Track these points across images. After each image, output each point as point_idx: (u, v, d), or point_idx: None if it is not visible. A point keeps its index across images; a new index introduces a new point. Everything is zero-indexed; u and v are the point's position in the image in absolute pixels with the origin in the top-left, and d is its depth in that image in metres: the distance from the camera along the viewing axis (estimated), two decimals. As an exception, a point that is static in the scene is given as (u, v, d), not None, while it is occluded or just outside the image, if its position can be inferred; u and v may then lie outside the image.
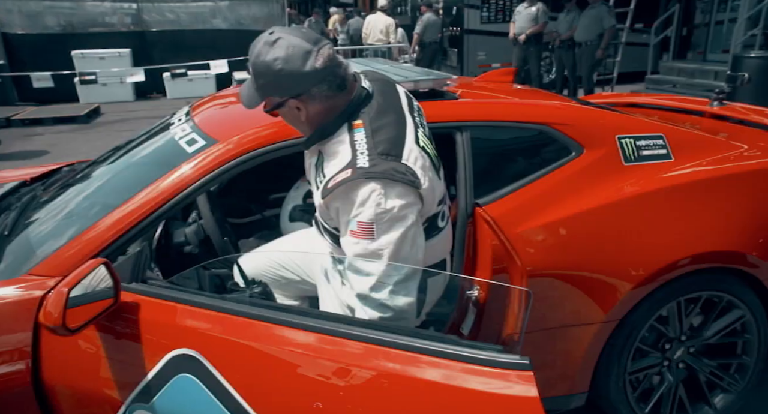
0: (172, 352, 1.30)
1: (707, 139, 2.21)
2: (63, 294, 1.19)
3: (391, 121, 1.38)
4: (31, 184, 2.30)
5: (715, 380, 2.08)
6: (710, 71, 8.32)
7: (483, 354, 1.15)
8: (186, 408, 1.30)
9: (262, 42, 1.31)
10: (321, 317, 1.33)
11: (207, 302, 1.38)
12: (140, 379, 1.32)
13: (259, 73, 1.31)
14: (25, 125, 8.13)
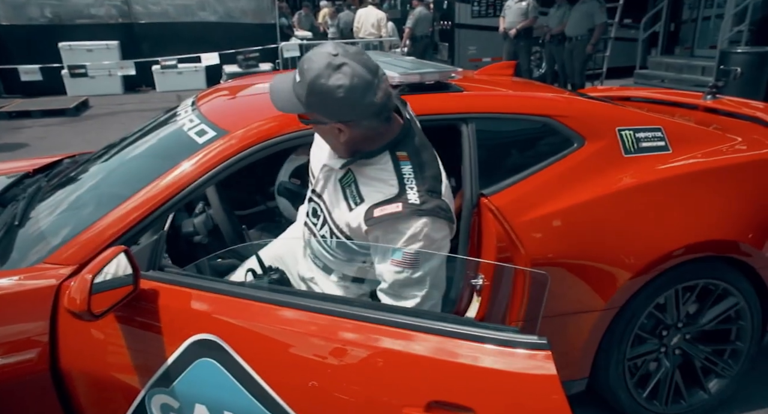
0: (192, 338, 1.33)
1: (703, 131, 2.26)
2: (87, 281, 1.21)
3: (432, 156, 1.44)
4: (33, 175, 2.30)
5: (710, 366, 2.14)
6: (698, 66, 8.44)
7: (502, 335, 1.19)
8: (207, 391, 1.33)
9: (324, 63, 1.26)
10: (339, 301, 1.37)
11: (226, 288, 1.41)
12: (160, 365, 1.34)
13: (315, 92, 1.27)
14: (12, 118, 8.03)
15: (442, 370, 1.19)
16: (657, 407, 2.09)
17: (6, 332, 1.39)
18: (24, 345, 1.38)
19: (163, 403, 1.37)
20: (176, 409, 1.36)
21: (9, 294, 1.40)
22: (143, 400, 1.38)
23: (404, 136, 1.41)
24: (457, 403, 1.16)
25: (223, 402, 1.32)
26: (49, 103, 8.55)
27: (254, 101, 2.21)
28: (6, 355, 1.38)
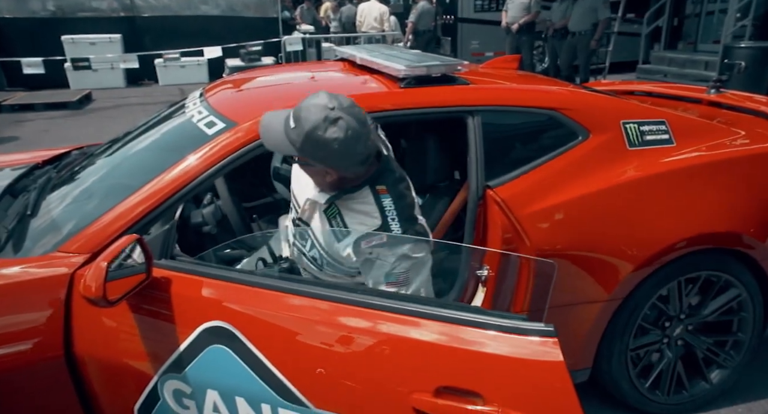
0: (204, 325, 1.35)
1: (707, 124, 2.28)
2: (102, 268, 1.24)
3: (406, 185, 1.59)
4: (43, 166, 2.32)
5: (712, 356, 2.17)
6: (701, 61, 8.43)
7: (509, 322, 1.21)
8: (218, 377, 1.35)
9: (321, 116, 1.36)
10: (347, 290, 1.40)
11: (237, 277, 1.43)
12: (172, 351, 1.37)
13: (311, 142, 1.38)
14: (15, 111, 8.04)
15: (450, 356, 1.22)
16: (659, 397, 2.12)
17: (21, 319, 1.42)
18: (39, 332, 1.41)
19: (176, 388, 1.39)
20: (188, 395, 1.38)
21: (24, 281, 1.43)
22: (156, 386, 1.40)
23: (383, 170, 1.54)
24: (465, 388, 1.18)
25: (234, 388, 1.34)
26: (51, 96, 8.57)
27: (262, 93, 2.24)
28: (22, 341, 1.40)
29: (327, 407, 1.28)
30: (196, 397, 1.37)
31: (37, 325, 1.41)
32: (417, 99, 1.87)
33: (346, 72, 2.31)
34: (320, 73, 2.48)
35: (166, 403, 1.41)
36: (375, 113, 1.85)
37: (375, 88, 2.01)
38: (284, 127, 1.41)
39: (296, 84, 2.30)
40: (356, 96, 1.93)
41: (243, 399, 1.34)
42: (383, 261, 1.47)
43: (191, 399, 1.38)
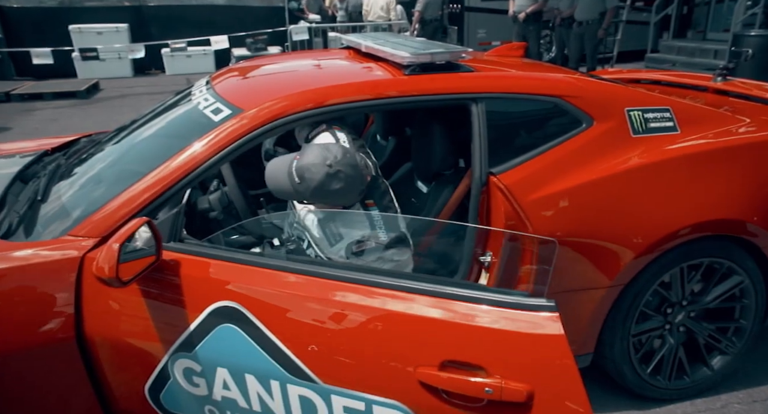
0: (213, 305, 1.38)
1: (712, 112, 2.27)
2: (115, 249, 1.27)
3: (390, 198, 1.85)
4: (52, 153, 2.35)
5: (714, 343, 2.18)
6: (710, 50, 8.35)
7: (512, 298, 1.25)
8: (228, 356, 1.39)
9: (323, 172, 1.64)
10: (354, 269, 1.45)
11: (246, 258, 1.47)
12: (182, 331, 1.40)
13: (318, 195, 1.68)
14: (24, 100, 8.10)
15: (454, 331, 1.26)
16: (660, 382, 2.14)
17: (33, 300, 1.45)
18: (51, 313, 1.44)
19: (186, 367, 1.43)
20: (199, 373, 1.42)
21: (36, 264, 1.46)
22: (166, 365, 1.44)
23: (371, 187, 1.79)
24: (469, 362, 1.23)
25: (244, 365, 1.38)
26: (60, 85, 8.61)
27: (268, 80, 2.25)
28: (34, 323, 1.43)
29: (335, 382, 1.32)
30: (206, 375, 1.41)
31: (49, 307, 1.44)
32: (421, 86, 1.88)
33: (351, 60, 2.32)
34: (325, 60, 2.49)
35: (176, 382, 1.45)
36: (379, 100, 1.88)
37: (380, 75, 2.02)
38: (290, 182, 1.68)
39: (302, 71, 2.32)
40: (361, 83, 1.97)
41: (252, 376, 1.37)
42: (370, 261, 1.66)
43: (201, 377, 1.42)
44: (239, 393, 1.40)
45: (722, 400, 2.18)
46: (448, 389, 1.23)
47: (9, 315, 1.42)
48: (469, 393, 1.22)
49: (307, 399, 1.35)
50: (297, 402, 1.35)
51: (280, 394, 1.36)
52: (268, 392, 1.37)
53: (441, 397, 1.25)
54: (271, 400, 1.38)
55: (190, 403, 1.47)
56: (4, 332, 1.41)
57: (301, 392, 1.34)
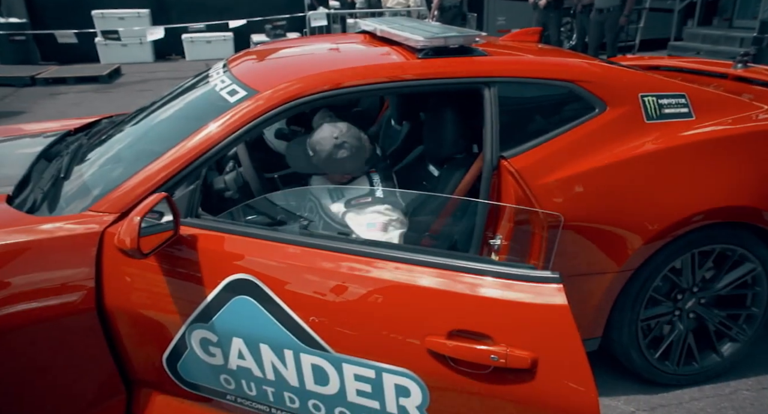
0: (229, 278, 1.44)
1: (729, 98, 2.25)
2: (136, 222, 1.32)
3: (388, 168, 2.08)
4: (75, 133, 2.42)
5: (724, 330, 2.19)
6: (736, 38, 8.16)
7: (518, 270, 1.30)
8: (243, 326, 1.44)
9: (330, 145, 1.87)
10: (365, 243, 1.52)
11: (261, 233, 1.52)
12: (199, 303, 1.45)
13: (328, 164, 1.91)
14: (48, 84, 8.25)
15: (462, 302, 1.31)
16: (668, 368, 2.15)
17: (56, 272, 1.51)
18: (72, 284, 1.50)
19: (203, 337, 1.48)
20: (215, 343, 1.47)
21: (59, 237, 1.52)
22: (184, 335, 1.49)
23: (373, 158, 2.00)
24: (476, 331, 1.28)
25: (258, 336, 1.43)
26: (83, 70, 8.76)
27: (283, 63, 2.29)
28: (57, 295, 1.50)
29: (346, 351, 1.37)
30: (222, 345, 1.46)
31: (71, 278, 1.50)
32: (434, 69, 1.89)
33: (366, 44, 2.33)
34: (341, 44, 2.51)
35: (193, 352, 1.50)
36: (392, 83, 1.90)
37: (393, 58, 2.04)
38: (305, 156, 1.93)
39: (317, 55, 2.34)
40: (375, 66, 1.99)
41: (267, 346, 1.43)
42: (366, 212, 1.87)
43: (217, 347, 1.47)
44: (254, 362, 1.45)
45: (731, 386, 2.18)
46: (456, 357, 1.28)
47: (34, 285, 1.49)
48: (475, 360, 1.26)
49: (320, 367, 1.40)
50: (309, 370, 1.41)
51: (294, 362, 1.42)
52: (281, 361, 1.43)
53: (448, 365, 1.29)
54: (285, 369, 1.43)
55: (206, 373, 1.53)
56: (29, 302, 1.47)
57: (314, 361, 1.40)
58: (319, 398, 1.44)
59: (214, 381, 1.54)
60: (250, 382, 1.49)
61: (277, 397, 1.49)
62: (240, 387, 1.51)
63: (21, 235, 1.51)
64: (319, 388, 1.43)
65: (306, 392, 1.45)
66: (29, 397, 1.56)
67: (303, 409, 1.48)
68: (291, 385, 1.45)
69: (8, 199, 1.73)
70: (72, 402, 1.61)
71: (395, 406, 1.36)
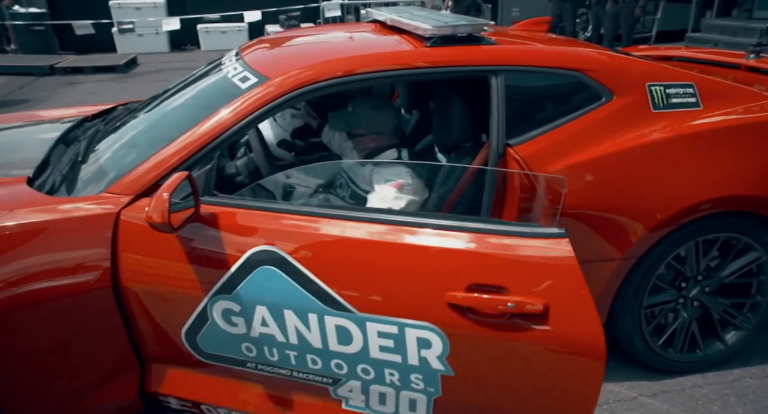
0: (252, 250, 1.50)
1: (738, 89, 2.25)
2: (165, 198, 1.39)
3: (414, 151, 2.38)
4: (92, 119, 2.48)
5: (728, 318, 2.20)
6: (755, 29, 8.02)
7: (527, 229, 1.44)
8: (267, 294, 1.51)
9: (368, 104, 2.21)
10: (384, 212, 1.70)
11: (280, 207, 1.62)
12: (221, 275, 1.52)
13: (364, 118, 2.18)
14: (67, 73, 8.39)
15: (478, 259, 1.43)
16: (671, 355, 2.17)
17: (73, 251, 1.57)
18: (89, 263, 1.55)
19: (225, 308, 1.54)
20: (237, 313, 1.54)
21: (77, 217, 1.58)
22: (205, 308, 1.55)
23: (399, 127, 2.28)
24: (492, 284, 1.40)
25: (282, 302, 1.50)
26: (100, 59, 8.88)
27: (293, 51, 2.33)
28: (74, 273, 1.56)
29: (370, 311, 1.46)
30: (245, 314, 1.53)
31: (88, 257, 1.56)
32: (441, 58, 1.92)
33: (376, 32, 2.36)
34: (351, 33, 2.54)
35: (214, 323, 1.57)
36: (400, 70, 1.92)
37: (403, 47, 2.07)
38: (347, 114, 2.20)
39: (328, 43, 2.38)
40: (384, 54, 2.02)
41: (291, 311, 1.49)
42: (390, 170, 2.05)
43: (240, 316, 1.54)
44: (277, 328, 1.52)
45: (735, 374, 2.20)
46: (475, 307, 1.39)
47: (52, 263, 1.55)
48: (493, 310, 1.38)
49: (343, 327, 1.48)
50: (333, 331, 1.49)
51: (317, 325, 1.49)
52: (305, 325, 1.50)
53: (468, 316, 1.40)
54: (308, 332, 1.51)
55: (228, 343, 1.60)
56: (48, 279, 1.54)
57: (338, 322, 1.48)
58: (341, 357, 1.52)
59: (235, 350, 1.60)
60: (272, 347, 1.56)
61: (300, 360, 1.56)
62: (262, 353, 1.58)
63: (41, 215, 1.58)
64: (343, 348, 1.50)
65: (329, 353, 1.52)
66: (46, 374, 1.62)
67: (325, 370, 1.56)
68: (314, 347, 1.52)
69: (28, 181, 1.80)
70: (88, 377, 1.68)
71: (417, 358, 1.46)
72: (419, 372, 1.48)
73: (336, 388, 1.60)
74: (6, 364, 1.57)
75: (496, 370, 1.48)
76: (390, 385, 1.53)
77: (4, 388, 1.59)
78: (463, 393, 1.51)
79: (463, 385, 1.49)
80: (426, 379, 1.48)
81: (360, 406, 1.61)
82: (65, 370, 1.65)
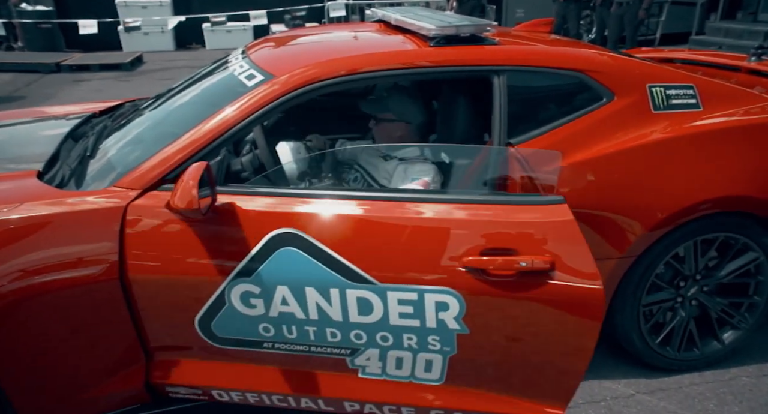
0: (270, 233, 1.57)
1: (737, 90, 2.27)
2: (191, 186, 1.45)
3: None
4: (99, 116, 2.52)
5: (726, 318, 2.22)
6: (760, 32, 8.04)
7: (529, 198, 1.64)
8: (288, 274, 1.57)
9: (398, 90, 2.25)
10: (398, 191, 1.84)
11: (293, 191, 1.73)
12: (240, 260, 1.57)
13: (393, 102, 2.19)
14: (73, 71, 8.44)
15: (490, 226, 1.58)
16: (669, 353, 2.20)
17: (82, 243, 1.60)
18: (97, 256, 1.58)
19: (244, 291, 1.59)
20: (257, 295, 1.58)
21: (87, 210, 1.61)
22: (222, 293, 1.59)
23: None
24: (504, 247, 1.55)
25: (304, 280, 1.56)
26: (106, 57, 8.94)
27: (300, 50, 2.36)
28: (83, 265, 1.59)
29: (391, 281, 1.55)
30: (265, 295, 1.58)
31: (97, 248, 1.59)
32: (445, 57, 1.95)
33: (380, 32, 2.40)
34: (357, 33, 2.58)
35: (231, 307, 1.61)
36: (404, 70, 1.95)
37: (407, 46, 2.10)
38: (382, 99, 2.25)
39: (333, 42, 2.41)
40: (387, 53, 2.05)
41: (312, 288, 1.56)
42: (416, 166, 2.08)
43: (259, 298, 1.59)
44: (298, 306, 1.58)
45: (731, 373, 2.22)
46: (489, 269, 1.53)
47: (62, 255, 1.58)
48: (507, 270, 1.53)
49: (364, 299, 1.56)
50: (354, 303, 1.57)
51: (339, 299, 1.57)
52: (326, 300, 1.57)
53: (482, 278, 1.54)
54: (329, 307, 1.58)
55: (244, 325, 1.64)
56: (57, 270, 1.57)
57: (359, 294, 1.56)
58: (361, 328, 1.60)
59: (251, 332, 1.65)
60: (291, 325, 1.61)
61: (319, 334, 1.62)
62: (280, 332, 1.63)
63: (52, 207, 1.61)
64: (363, 318, 1.58)
65: (349, 324, 1.60)
66: (52, 365, 1.65)
67: (344, 341, 1.63)
68: (334, 320, 1.59)
69: (38, 175, 1.83)
70: (95, 369, 1.71)
71: (434, 321, 1.56)
72: (437, 333, 1.58)
73: (354, 358, 1.67)
74: (13, 355, 1.60)
75: (506, 326, 1.60)
76: (408, 348, 1.62)
77: (12, 379, 1.62)
78: (477, 349, 1.62)
79: (477, 341, 1.60)
80: (443, 339, 1.59)
81: (376, 373, 1.69)
82: (72, 362, 1.67)
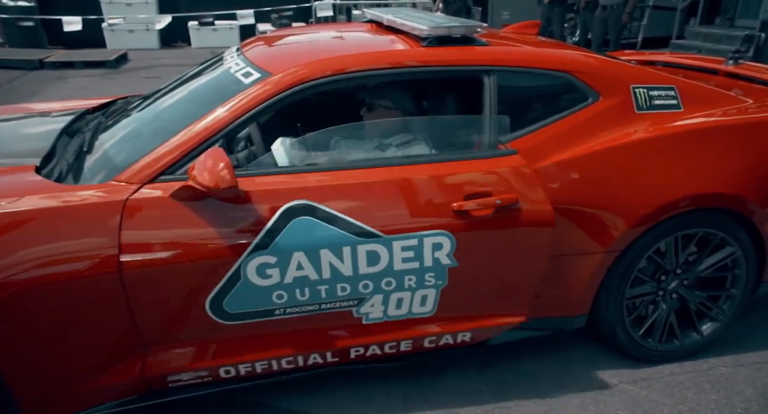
0: (284, 206, 1.72)
1: (716, 92, 2.37)
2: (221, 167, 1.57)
3: None
4: (93, 112, 2.53)
5: (705, 310, 2.31)
6: (737, 37, 8.22)
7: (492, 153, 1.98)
8: (303, 240, 1.72)
9: None
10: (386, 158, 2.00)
11: (298, 168, 1.86)
12: (255, 235, 1.69)
13: None
14: (56, 68, 8.34)
15: (469, 177, 1.90)
16: (651, 344, 2.28)
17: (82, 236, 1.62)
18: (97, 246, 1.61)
19: (261, 263, 1.71)
20: (273, 265, 1.71)
21: (88, 204, 1.64)
22: (238, 269, 1.69)
23: None
24: (480, 192, 1.87)
25: (318, 243, 1.73)
26: (90, 55, 8.85)
27: (295, 48, 2.40)
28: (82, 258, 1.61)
29: (395, 232, 1.79)
30: (281, 264, 1.72)
31: (96, 241, 1.62)
32: (436, 57, 2.00)
33: (372, 32, 2.45)
34: (349, 32, 2.62)
35: (246, 281, 1.72)
36: (395, 69, 2.00)
37: (399, 47, 2.15)
38: None
39: (327, 41, 2.45)
40: (380, 53, 2.10)
41: (326, 249, 1.74)
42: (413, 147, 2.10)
43: (275, 267, 1.72)
44: (312, 268, 1.75)
45: (709, 363, 2.31)
46: (472, 210, 1.84)
47: (63, 248, 1.61)
48: (485, 210, 1.85)
49: (373, 251, 1.78)
50: (364, 257, 1.78)
51: (350, 255, 1.76)
52: (339, 258, 1.76)
53: (467, 217, 1.84)
54: (341, 264, 1.77)
55: (258, 296, 1.75)
56: (57, 263, 1.59)
57: (369, 248, 1.77)
58: (369, 278, 1.81)
59: (265, 301, 1.77)
60: (304, 288, 1.77)
61: (330, 291, 1.80)
62: (293, 297, 1.78)
63: (51, 201, 1.64)
64: (371, 269, 1.80)
65: (358, 276, 1.80)
66: (52, 357, 1.67)
67: (353, 293, 1.83)
68: (345, 275, 1.79)
69: (36, 170, 1.85)
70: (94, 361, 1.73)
71: (431, 259, 1.84)
72: (432, 270, 1.86)
73: (359, 308, 1.88)
74: (14, 347, 1.62)
75: (487, 253, 1.92)
76: (407, 289, 1.87)
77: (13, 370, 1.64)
78: (463, 277, 1.91)
79: (464, 271, 1.89)
80: (437, 274, 1.87)
81: (378, 317, 1.92)
82: (71, 354, 1.70)
